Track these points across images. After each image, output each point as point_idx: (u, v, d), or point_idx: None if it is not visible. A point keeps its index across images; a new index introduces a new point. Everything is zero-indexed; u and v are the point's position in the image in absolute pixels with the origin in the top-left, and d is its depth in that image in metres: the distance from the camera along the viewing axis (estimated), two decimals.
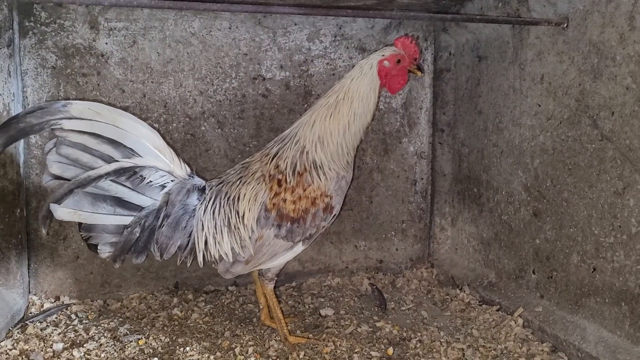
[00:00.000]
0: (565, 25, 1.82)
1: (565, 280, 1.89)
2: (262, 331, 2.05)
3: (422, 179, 2.73)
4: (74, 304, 2.25)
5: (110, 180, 1.64)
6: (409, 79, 1.94)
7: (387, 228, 2.72)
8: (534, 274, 2.05)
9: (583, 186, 1.79)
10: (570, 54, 1.82)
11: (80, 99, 2.17)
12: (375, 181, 2.66)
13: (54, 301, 2.26)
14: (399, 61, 1.81)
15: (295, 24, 2.45)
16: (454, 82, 2.55)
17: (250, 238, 1.79)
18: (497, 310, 2.16)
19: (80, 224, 1.68)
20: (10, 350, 1.83)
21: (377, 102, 1.84)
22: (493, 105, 2.25)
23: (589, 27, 1.73)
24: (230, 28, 2.36)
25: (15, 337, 1.92)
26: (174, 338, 1.98)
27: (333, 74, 2.53)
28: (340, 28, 2.51)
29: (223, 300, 2.35)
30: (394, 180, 2.69)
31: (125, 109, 2.24)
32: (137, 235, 1.72)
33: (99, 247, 1.73)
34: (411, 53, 1.81)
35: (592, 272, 1.75)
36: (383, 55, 1.80)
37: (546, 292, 1.99)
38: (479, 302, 2.29)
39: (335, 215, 1.87)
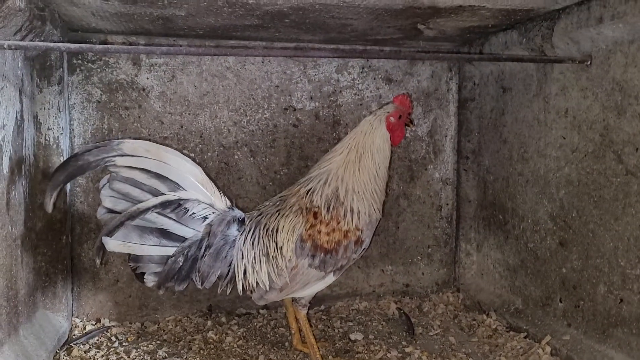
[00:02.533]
0: (588, 63, 1.88)
1: (592, 310, 1.94)
2: (295, 356, 2.12)
3: (447, 204, 2.80)
4: (114, 326, 2.35)
5: (157, 212, 1.75)
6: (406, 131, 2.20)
7: (413, 253, 2.78)
8: (561, 302, 2.10)
9: (609, 218, 1.84)
10: (594, 90, 1.88)
11: (122, 131, 2.31)
12: (401, 207, 2.73)
13: (95, 323, 2.37)
14: (400, 117, 2.01)
15: (324, 58, 2.55)
16: (478, 111, 2.63)
17: (286, 267, 1.87)
18: (525, 337, 2.21)
19: (129, 255, 1.79)
20: None
21: (391, 151, 2.03)
22: (518, 135, 2.32)
23: (612, 65, 1.80)
24: (263, 62, 2.47)
25: None
26: None
27: (360, 104, 2.62)
28: (368, 60, 2.60)
29: (255, 324, 2.43)
30: (419, 205, 2.76)
31: (164, 139, 2.37)
32: (180, 264, 1.81)
33: (145, 277, 1.83)
34: (407, 109, 2.04)
35: (619, 303, 1.80)
36: (388, 112, 1.99)
37: (573, 320, 2.03)
38: (506, 328, 2.34)
39: (364, 248, 1.96)
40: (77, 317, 2.36)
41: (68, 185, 2.25)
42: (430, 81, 2.69)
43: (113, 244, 1.72)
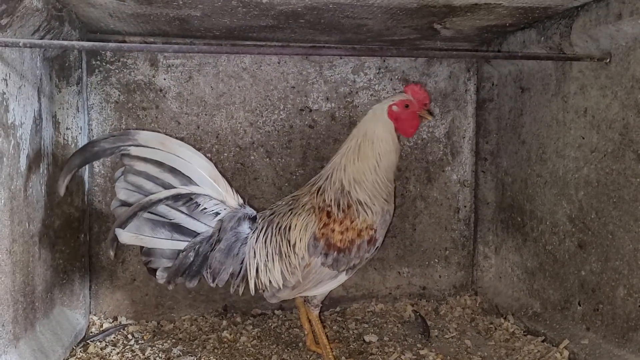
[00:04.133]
0: (607, 60, 1.84)
1: (611, 314, 1.89)
2: (308, 356, 2.12)
3: (465, 206, 2.76)
4: (131, 325, 2.37)
5: (168, 205, 1.78)
6: (421, 122, 2.12)
7: (430, 255, 2.75)
8: (580, 305, 2.05)
9: (628, 220, 1.79)
10: (614, 88, 1.84)
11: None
12: (418, 209, 2.70)
13: (112, 321, 2.40)
14: (407, 106, 1.94)
15: (341, 58, 2.55)
16: (496, 112, 2.59)
17: (299, 265, 1.87)
18: (542, 341, 2.16)
19: (141, 248, 1.81)
20: None
21: (398, 141, 1.99)
22: (536, 135, 2.28)
23: (632, 63, 1.75)
24: (279, 63, 2.48)
25: (79, 356, 2.05)
26: None
27: None
28: (385, 61, 2.59)
29: (270, 324, 2.43)
30: (437, 208, 2.73)
31: (181, 139, 2.34)
32: (192, 259, 1.82)
33: (157, 273, 1.85)
34: (420, 99, 1.95)
35: (639, 306, 1.75)
36: (392, 100, 1.95)
37: (592, 324, 1.98)
38: (523, 332, 2.29)
39: (377, 247, 1.95)
40: (94, 314, 2.39)
41: (87, 184, 2.29)
42: (447, 82, 2.66)
43: (126, 236, 1.74)
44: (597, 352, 1.90)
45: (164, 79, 2.36)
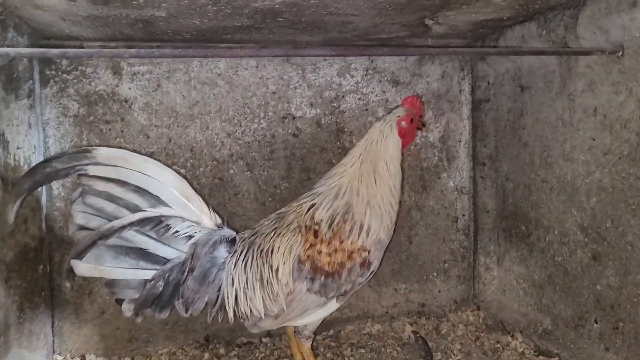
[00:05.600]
0: (620, 54, 1.66)
1: (634, 332, 1.70)
2: None
3: (463, 215, 2.57)
4: None
5: (134, 230, 1.56)
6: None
7: (429, 269, 2.55)
8: (597, 323, 1.86)
9: None
10: (628, 84, 1.65)
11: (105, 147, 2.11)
12: (414, 220, 2.50)
13: None
14: (411, 120, 1.84)
15: (325, 59, 2.34)
16: (494, 113, 2.40)
17: (282, 292, 1.66)
18: None
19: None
20: None
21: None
22: (539, 137, 2.09)
23: None
24: (257, 67, 2.26)
25: None
26: None
27: (366, 110, 2.40)
28: (372, 61, 2.39)
29: (257, 355, 2.21)
30: (433, 218, 2.53)
31: (151, 155, 2.17)
32: (161, 289, 1.61)
33: (123, 305, 1.64)
34: (418, 111, 1.88)
35: None
36: (399, 116, 1.82)
37: (612, 344, 1.79)
38: (534, 352, 2.10)
39: (373, 271, 1.74)
40: (59, 354, 2.14)
41: (44, 209, 2.06)
42: (440, 82, 2.47)
43: (83, 268, 1.53)
44: None
45: (129, 88, 2.13)
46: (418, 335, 2.31)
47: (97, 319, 2.17)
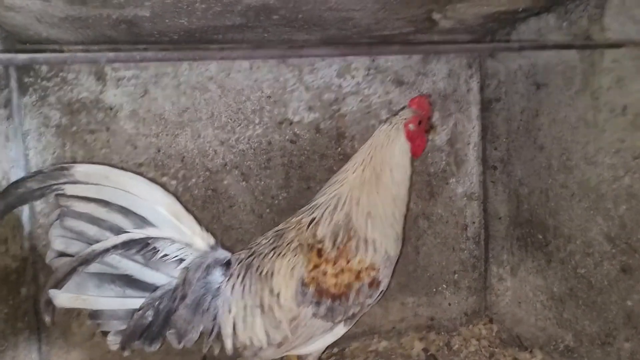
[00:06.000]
0: None
1: None
2: None
3: (473, 222, 2.42)
4: None
5: (119, 254, 1.41)
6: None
7: (438, 280, 2.40)
8: (627, 342, 1.71)
9: None
10: None
11: (88, 159, 1.95)
12: (421, 229, 2.35)
13: None
14: (419, 122, 1.67)
15: (323, 60, 2.19)
16: (505, 113, 2.25)
17: (285, 319, 1.51)
18: None
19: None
20: None
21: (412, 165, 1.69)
22: (558, 139, 1.94)
23: None
24: (251, 69, 2.11)
25: None
26: None
27: (368, 112, 2.25)
28: (374, 60, 2.23)
29: None
30: (442, 226, 2.38)
31: (139, 166, 2.02)
32: (150, 319, 1.47)
33: (109, 337, 1.50)
34: (426, 113, 1.73)
35: None
36: (405, 118, 1.67)
37: None
38: None
39: (382, 291, 1.59)
40: None
41: (27, 227, 1.90)
42: (447, 81, 2.31)
43: (63, 298, 1.39)
44: None
45: (115, 95, 1.98)
46: (429, 353, 2.16)
47: (87, 342, 2.02)
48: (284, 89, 2.16)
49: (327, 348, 2.19)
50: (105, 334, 1.50)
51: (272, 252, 1.57)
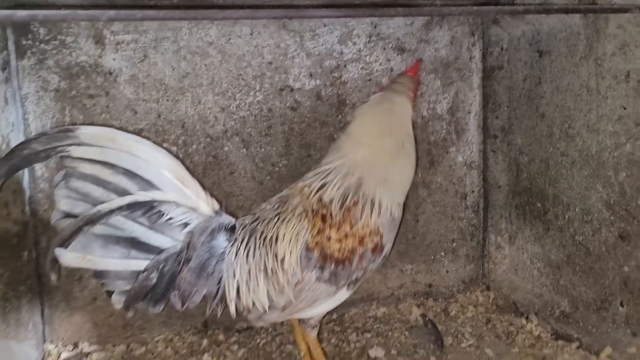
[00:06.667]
0: None
1: None
2: None
3: (473, 191, 2.43)
4: (95, 351, 2.02)
5: (124, 216, 1.42)
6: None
7: (436, 248, 2.43)
8: (623, 306, 1.74)
9: None
10: None
11: (88, 124, 1.94)
12: (420, 197, 2.36)
13: (73, 349, 2.03)
14: (415, 90, 1.81)
15: (325, 25, 2.16)
16: (507, 81, 2.24)
17: (289, 283, 1.53)
18: (577, 347, 1.86)
19: None
20: None
21: None
22: (560, 107, 1.94)
23: None
24: (251, 34, 2.09)
25: None
26: None
27: (369, 80, 2.24)
28: (376, 27, 2.21)
29: (258, 341, 2.09)
30: (441, 195, 2.39)
31: (140, 131, 2.01)
32: (155, 281, 1.47)
33: (113, 297, 1.51)
34: (419, 80, 1.90)
35: None
36: (409, 87, 1.76)
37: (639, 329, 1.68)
38: (551, 335, 1.99)
39: (385, 255, 1.61)
40: (50, 342, 2.02)
41: (27, 191, 1.90)
42: (449, 49, 2.30)
43: (69, 257, 1.38)
44: None
45: (114, 59, 1.96)
46: (427, 319, 2.20)
47: (89, 305, 2.04)
48: (284, 55, 2.14)
49: (327, 314, 2.24)
50: (109, 293, 1.51)
51: (277, 218, 1.57)
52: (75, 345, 2.04)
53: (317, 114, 2.20)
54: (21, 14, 1.12)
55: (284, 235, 1.52)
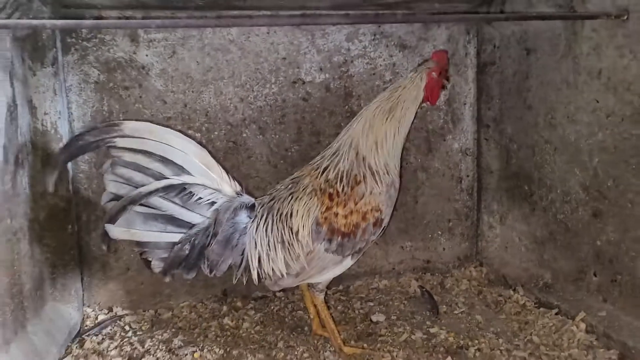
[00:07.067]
0: (625, 17, 1.72)
1: (630, 284, 1.82)
2: (316, 341, 2.03)
3: (467, 176, 2.66)
4: (127, 315, 2.27)
5: (161, 197, 1.66)
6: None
7: (433, 227, 2.66)
8: (596, 276, 1.98)
9: None
10: (632, 47, 1.72)
11: (123, 113, 2.19)
12: (419, 180, 2.60)
13: (108, 313, 2.29)
14: (440, 73, 1.90)
15: (334, 25, 2.39)
16: (499, 76, 2.47)
17: (303, 253, 1.77)
18: (556, 313, 2.10)
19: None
20: None
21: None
22: (544, 100, 2.16)
23: None
24: (268, 33, 2.32)
25: (75, 354, 1.95)
26: (228, 350, 1.98)
27: (373, 74, 2.47)
28: (380, 26, 2.44)
29: (272, 307, 2.34)
30: (438, 178, 2.63)
31: (168, 119, 2.25)
32: (187, 252, 1.72)
33: (152, 263, 1.75)
34: (446, 65, 1.97)
35: None
36: (429, 67, 1.88)
37: (609, 295, 1.92)
38: (535, 304, 2.23)
39: (384, 228, 1.86)
40: (88, 306, 2.28)
41: (70, 172, 2.15)
42: (446, 46, 2.52)
43: (117, 231, 1.64)
44: (616, 325, 1.84)
45: (146, 55, 2.20)
46: (424, 289, 2.44)
47: (123, 275, 2.29)
48: (297, 51, 2.37)
49: (333, 286, 2.49)
50: (147, 262, 1.76)
51: (290, 197, 1.82)
52: (110, 309, 2.30)
53: (326, 104, 2.43)
54: (87, 23, 1.35)
55: (297, 211, 1.77)
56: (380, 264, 2.62)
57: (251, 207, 1.82)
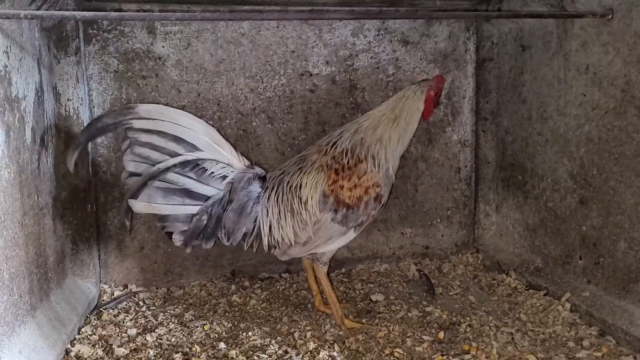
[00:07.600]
0: (610, 17, 1.84)
1: (612, 266, 1.94)
2: (318, 317, 2.17)
3: (466, 166, 2.79)
4: (141, 292, 2.41)
5: (177, 172, 1.81)
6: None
7: (433, 215, 2.79)
8: (581, 259, 2.11)
9: (630, 175, 1.83)
10: (616, 45, 1.84)
11: (140, 101, 2.33)
12: (420, 170, 2.73)
13: (123, 289, 2.43)
14: (436, 94, 2.07)
15: (340, 20, 2.52)
16: (496, 71, 2.59)
17: (310, 221, 1.92)
18: (544, 294, 2.22)
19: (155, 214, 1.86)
20: (91, 335, 2.00)
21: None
22: (537, 94, 2.29)
23: (635, 19, 1.75)
24: (278, 27, 2.45)
25: (93, 324, 2.09)
26: (235, 323, 2.11)
27: (377, 68, 2.60)
28: (384, 22, 2.57)
29: (278, 287, 2.48)
30: (438, 168, 2.76)
31: (182, 108, 2.36)
32: (205, 222, 1.88)
33: (173, 236, 1.91)
34: (441, 89, 2.13)
35: None
36: (430, 85, 2.05)
37: (593, 277, 2.04)
38: (525, 286, 2.36)
39: (383, 204, 2.00)
40: (105, 283, 2.43)
41: (90, 155, 2.30)
42: (447, 42, 2.65)
43: (139, 206, 1.80)
44: (598, 304, 1.97)
45: (163, 47, 2.34)
46: (422, 273, 2.57)
47: (137, 253, 2.44)
48: (305, 45, 2.50)
49: (336, 269, 2.63)
50: (169, 234, 1.90)
51: (299, 171, 1.98)
52: (125, 286, 2.45)
53: (331, 96, 2.57)
54: (113, 15, 1.49)
55: (306, 183, 1.94)
56: (382, 249, 2.75)
57: (263, 179, 1.98)
